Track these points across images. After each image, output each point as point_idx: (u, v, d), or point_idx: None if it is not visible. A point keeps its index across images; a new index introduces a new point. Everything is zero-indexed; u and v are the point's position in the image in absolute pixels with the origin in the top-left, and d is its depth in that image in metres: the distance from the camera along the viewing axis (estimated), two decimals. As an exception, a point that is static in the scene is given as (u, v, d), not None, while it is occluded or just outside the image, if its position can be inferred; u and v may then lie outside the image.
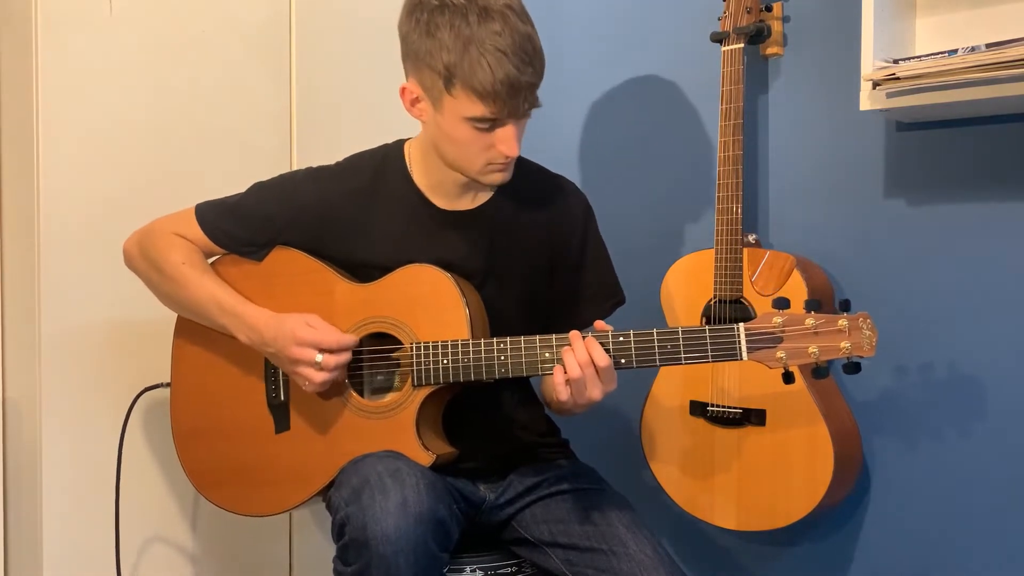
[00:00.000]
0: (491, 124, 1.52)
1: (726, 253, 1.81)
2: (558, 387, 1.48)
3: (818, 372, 1.46)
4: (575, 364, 1.46)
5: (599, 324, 1.52)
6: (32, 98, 1.85)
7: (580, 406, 1.51)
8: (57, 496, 1.89)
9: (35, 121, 1.85)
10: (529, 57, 1.48)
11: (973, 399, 1.75)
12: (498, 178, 1.59)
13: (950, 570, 1.78)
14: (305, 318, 1.59)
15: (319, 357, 1.56)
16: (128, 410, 1.88)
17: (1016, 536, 1.71)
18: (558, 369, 1.48)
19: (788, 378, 1.48)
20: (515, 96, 1.48)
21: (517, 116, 1.52)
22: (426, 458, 1.56)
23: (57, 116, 1.87)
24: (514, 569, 1.67)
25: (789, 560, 1.98)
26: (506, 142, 1.53)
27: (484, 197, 1.69)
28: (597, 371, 1.47)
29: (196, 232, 1.70)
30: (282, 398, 1.67)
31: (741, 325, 1.45)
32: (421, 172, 1.68)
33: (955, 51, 1.58)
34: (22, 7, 1.86)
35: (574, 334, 1.49)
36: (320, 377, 1.57)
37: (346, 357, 1.59)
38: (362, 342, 1.64)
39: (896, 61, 1.65)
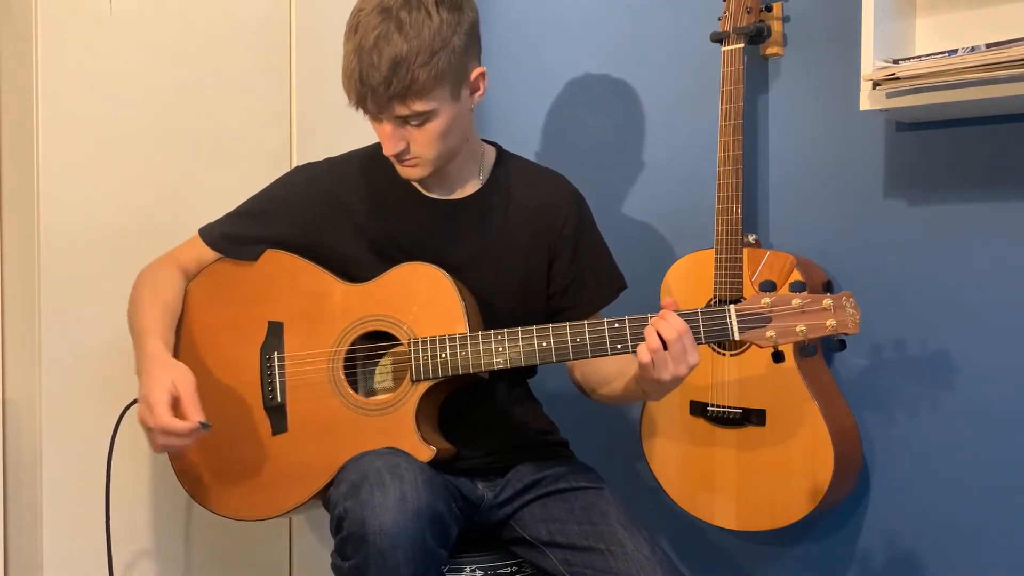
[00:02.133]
0: (369, 117, 1.58)
1: (726, 253, 1.81)
2: (647, 362, 1.46)
3: (805, 350, 1.54)
4: (672, 330, 1.45)
5: None
6: (32, 98, 1.85)
7: (656, 387, 1.49)
8: (57, 497, 1.88)
9: (35, 121, 1.85)
10: (379, 60, 1.50)
11: (975, 399, 1.75)
12: (403, 172, 1.64)
13: (950, 570, 1.78)
14: (168, 388, 1.55)
15: (151, 422, 1.53)
16: (117, 421, 1.85)
17: (1017, 535, 1.71)
18: (642, 347, 1.46)
19: (778, 357, 1.56)
20: (361, 92, 1.53)
21: (366, 111, 1.57)
22: (426, 453, 1.56)
23: (57, 116, 1.86)
24: (513, 569, 1.67)
25: (789, 560, 1.98)
26: (380, 138, 1.60)
27: (474, 187, 1.71)
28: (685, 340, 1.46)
29: (198, 246, 1.73)
30: (279, 399, 1.67)
31: (732, 306, 1.49)
32: None
33: (955, 51, 1.59)
34: (22, 7, 1.86)
35: (662, 312, 1.48)
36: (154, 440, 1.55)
37: (173, 440, 1.54)
38: (359, 341, 1.64)
39: (896, 61, 1.65)
